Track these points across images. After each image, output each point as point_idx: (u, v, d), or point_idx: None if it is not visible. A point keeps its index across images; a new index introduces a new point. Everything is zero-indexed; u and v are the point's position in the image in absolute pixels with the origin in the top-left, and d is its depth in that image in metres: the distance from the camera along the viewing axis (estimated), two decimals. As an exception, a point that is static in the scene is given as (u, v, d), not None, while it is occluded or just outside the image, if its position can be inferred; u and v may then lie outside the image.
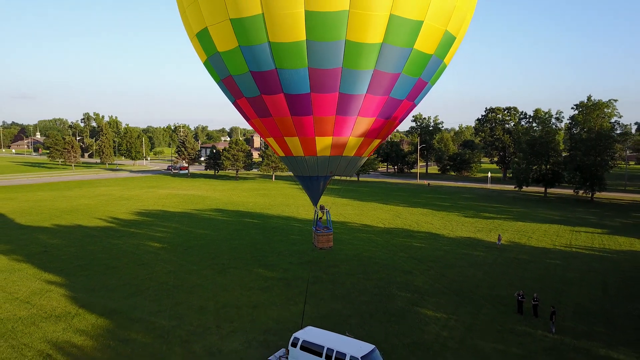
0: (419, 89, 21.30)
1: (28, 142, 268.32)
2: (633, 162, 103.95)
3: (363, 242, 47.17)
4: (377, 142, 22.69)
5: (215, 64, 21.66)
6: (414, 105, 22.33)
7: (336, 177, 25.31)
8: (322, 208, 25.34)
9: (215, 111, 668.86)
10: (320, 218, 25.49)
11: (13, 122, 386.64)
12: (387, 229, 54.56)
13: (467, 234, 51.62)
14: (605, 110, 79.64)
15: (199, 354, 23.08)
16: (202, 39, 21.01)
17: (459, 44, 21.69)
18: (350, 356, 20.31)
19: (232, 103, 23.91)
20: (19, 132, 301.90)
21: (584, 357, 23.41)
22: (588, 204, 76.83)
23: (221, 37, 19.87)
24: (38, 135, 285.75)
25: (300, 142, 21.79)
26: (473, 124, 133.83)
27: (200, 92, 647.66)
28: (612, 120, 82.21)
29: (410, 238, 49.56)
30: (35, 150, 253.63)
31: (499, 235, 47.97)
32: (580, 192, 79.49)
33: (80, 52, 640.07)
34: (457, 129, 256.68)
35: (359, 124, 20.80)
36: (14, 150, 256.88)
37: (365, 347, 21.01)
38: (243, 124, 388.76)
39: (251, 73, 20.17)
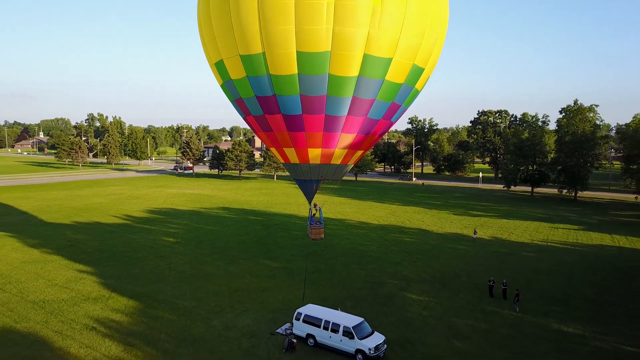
0: (393, 111, 26.07)
1: (32, 142, 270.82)
2: (620, 163, 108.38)
3: (359, 237, 51.79)
4: (360, 152, 27.59)
5: (229, 88, 26.62)
6: (392, 123, 27.15)
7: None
8: (315, 205, 30.00)
9: (216, 111, 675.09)
10: (314, 214, 30.13)
11: (15, 121, 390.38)
12: (381, 225, 59.13)
13: (454, 230, 56.24)
14: (588, 114, 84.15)
15: (218, 327, 27.71)
16: (219, 68, 25.89)
17: (430, 73, 26.39)
18: (344, 326, 25.02)
19: (243, 119, 28.64)
20: (22, 132, 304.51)
21: (539, 330, 28.06)
22: (571, 202, 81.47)
23: (233, 68, 24.84)
24: (41, 135, 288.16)
25: (295, 152, 26.75)
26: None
27: (200, 93, 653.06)
28: (597, 122, 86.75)
29: (402, 234, 54.15)
30: (40, 150, 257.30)
31: (474, 229, 53.02)
32: (564, 191, 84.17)
33: (79, 51, 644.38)
34: (454, 129, 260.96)
35: (343, 139, 25.67)
36: (19, 150, 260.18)
37: (356, 319, 25.80)
38: (243, 124, 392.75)
39: (256, 97, 25.18)
